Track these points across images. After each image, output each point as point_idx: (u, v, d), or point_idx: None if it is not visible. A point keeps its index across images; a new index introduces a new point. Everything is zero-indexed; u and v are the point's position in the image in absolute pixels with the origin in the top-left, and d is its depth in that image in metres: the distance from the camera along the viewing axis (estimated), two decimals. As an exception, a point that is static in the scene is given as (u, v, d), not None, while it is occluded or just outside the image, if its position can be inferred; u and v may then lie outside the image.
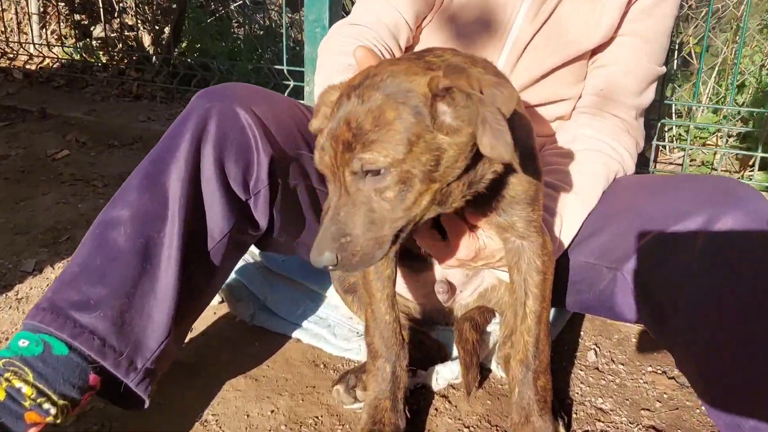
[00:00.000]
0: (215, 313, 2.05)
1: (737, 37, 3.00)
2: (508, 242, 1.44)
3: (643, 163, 2.89)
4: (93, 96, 4.57)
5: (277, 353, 1.86)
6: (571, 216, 1.62)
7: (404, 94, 1.08)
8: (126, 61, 5.02)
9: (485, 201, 1.33)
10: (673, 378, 1.81)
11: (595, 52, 1.85)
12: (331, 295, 2.03)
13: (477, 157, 1.16)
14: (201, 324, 1.96)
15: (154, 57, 4.81)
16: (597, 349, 1.95)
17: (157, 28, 5.29)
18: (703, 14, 2.96)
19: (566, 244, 1.62)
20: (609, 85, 1.82)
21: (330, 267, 1.12)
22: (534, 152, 1.39)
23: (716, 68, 3.14)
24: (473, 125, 1.05)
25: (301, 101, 1.88)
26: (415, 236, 1.52)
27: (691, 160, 3.09)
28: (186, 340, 1.68)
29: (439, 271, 1.80)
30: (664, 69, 1.87)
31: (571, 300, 1.74)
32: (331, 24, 3.17)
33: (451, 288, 1.84)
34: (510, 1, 1.77)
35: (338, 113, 1.12)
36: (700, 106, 2.99)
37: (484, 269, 1.71)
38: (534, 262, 1.42)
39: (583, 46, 1.79)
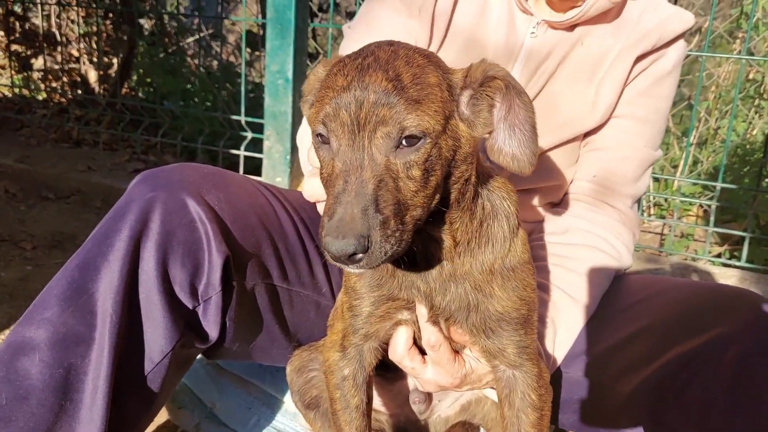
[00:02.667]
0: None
1: (718, 104, 2.91)
2: (497, 371, 1.24)
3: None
4: (27, 140, 4.21)
5: (226, 476, 1.58)
6: (566, 324, 1.43)
7: (444, 69, 1.00)
8: (68, 98, 4.67)
9: (468, 311, 1.15)
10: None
11: (588, 133, 1.68)
12: (289, 400, 1.77)
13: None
14: (135, 435, 1.66)
15: (100, 94, 4.48)
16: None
17: (105, 60, 4.97)
18: (685, 82, 2.87)
19: (560, 359, 1.43)
20: (605, 171, 1.66)
21: (355, 261, 0.88)
22: (530, 265, 1.19)
23: (696, 136, 3.05)
24: (489, 125, 1.01)
25: (259, 178, 1.64)
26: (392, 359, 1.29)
27: (670, 228, 2.97)
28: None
29: (415, 378, 1.57)
30: (660, 153, 1.72)
31: (567, 418, 1.53)
32: (295, 76, 2.96)
33: (428, 398, 1.61)
34: None
35: (364, 61, 0.95)
36: (683, 180, 2.86)
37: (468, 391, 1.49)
38: (529, 397, 1.22)
39: (578, 128, 1.63)
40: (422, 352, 1.30)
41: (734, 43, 3.03)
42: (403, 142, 0.91)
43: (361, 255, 0.87)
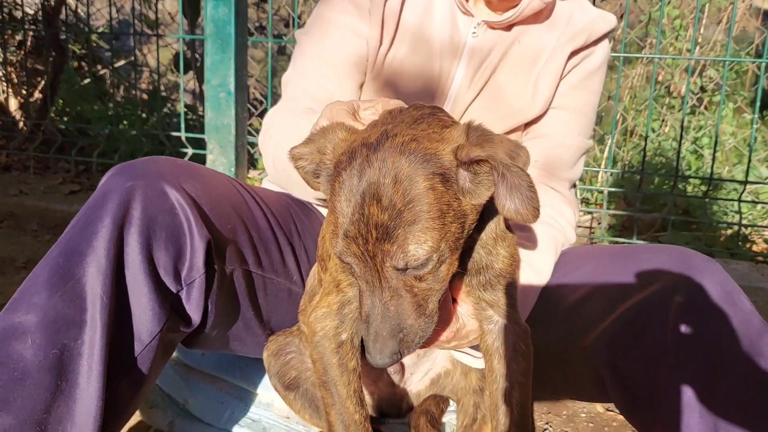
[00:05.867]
0: (125, 422, 1.74)
1: (634, 104, 3.18)
2: (490, 322, 1.32)
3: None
4: (-47, 167, 4.04)
5: (206, 467, 1.60)
6: (525, 292, 1.53)
7: (433, 161, 1.01)
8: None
9: (479, 270, 1.26)
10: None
11: (529, 123, 1.83)
12: (262, 392, 1.80)
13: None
14: (108, 437, 1.64)
15: (21, 123, 4.35)
16: (549, 429, 1.86)
17: (24, 89, 4.82)
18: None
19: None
20: (546, 157, 1.80)
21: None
22: (512, 231, 1.31)
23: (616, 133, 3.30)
24: (492, 188, 1.04)
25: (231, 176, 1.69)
26: None
27: (598, 222, 3.18)
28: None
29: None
30: (591, 143, 1.89)
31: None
32: (237, 89, 3.01)
33: (402, 367, 1.69)
34: (444, 68, 1.72)
35: (360, 184, 1.00)
36: (611, 171, 3.10)
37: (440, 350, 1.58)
38: (519, 346, 1.31)
39: (521, 117, 1.77)
40: None
41: (644, 47, 3.33)
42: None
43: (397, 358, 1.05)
